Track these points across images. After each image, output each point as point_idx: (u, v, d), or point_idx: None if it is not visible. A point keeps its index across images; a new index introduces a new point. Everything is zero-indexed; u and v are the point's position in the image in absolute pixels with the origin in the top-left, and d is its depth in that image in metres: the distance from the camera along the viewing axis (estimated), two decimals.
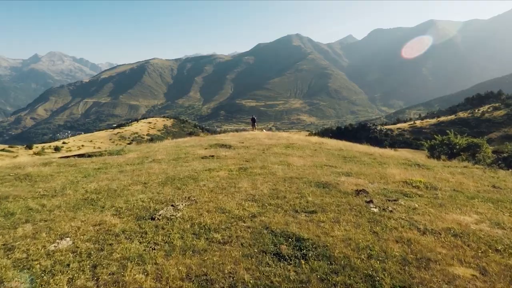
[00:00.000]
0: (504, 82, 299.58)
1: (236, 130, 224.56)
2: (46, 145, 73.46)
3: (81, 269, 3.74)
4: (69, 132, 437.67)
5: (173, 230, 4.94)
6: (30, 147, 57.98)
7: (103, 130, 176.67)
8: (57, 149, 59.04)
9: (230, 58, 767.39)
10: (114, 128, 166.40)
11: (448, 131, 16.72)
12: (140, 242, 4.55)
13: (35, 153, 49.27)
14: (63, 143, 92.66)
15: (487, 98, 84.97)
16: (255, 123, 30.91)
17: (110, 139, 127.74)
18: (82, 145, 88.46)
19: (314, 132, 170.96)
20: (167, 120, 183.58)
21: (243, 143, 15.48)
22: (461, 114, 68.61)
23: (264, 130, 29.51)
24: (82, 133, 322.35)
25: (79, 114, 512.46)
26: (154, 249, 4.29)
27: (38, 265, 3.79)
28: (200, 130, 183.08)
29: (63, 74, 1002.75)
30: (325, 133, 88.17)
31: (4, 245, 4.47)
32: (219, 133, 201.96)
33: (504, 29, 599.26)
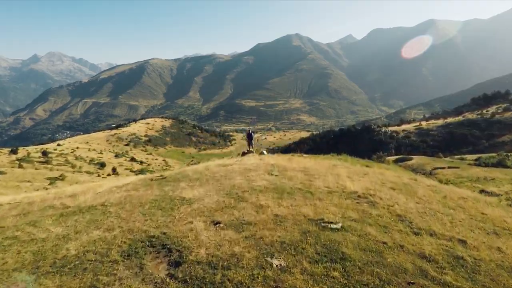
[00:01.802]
0: (504, 82, 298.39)
1: (236, 131, 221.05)
2: (36, 148, 70.25)
3: None
4: (68, 132, 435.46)
5: None
6: (15, 152, 53.87)
7: (101, 130, 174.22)
8: (45, 153, 55.75)
9: (230, 58, 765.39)
10: (111, 129, 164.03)
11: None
12: None
13: (17, 159, 46.54)
14: (58, 145, 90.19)
15: (494, 98, 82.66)
16: (252, 141, 21.12)
17: (107, 140, 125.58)
18: (77, 147, 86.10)
19: (315, 133, 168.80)
20: (165, 120, 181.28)
21: (218, 226, 6.16)
22: (469, 115, 65.64)
23: (265, 152, 19.21)
24: (81, 133, 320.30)
25: (78, 115, 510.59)
26: None
27: None
28: (199, 131, 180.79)
29: (62, 74, 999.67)
30: (327, 134, 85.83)
31: None
32: (218, 133, 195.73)
33: (504, 29, 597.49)
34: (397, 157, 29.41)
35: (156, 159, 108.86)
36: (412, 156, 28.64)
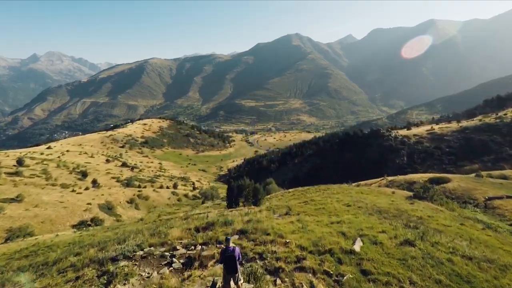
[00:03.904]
0: (507, 83, 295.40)
1: (235, 131, 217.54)
2: (21, 152, 65.20)
3: None
4: (66, 132, 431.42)
5: None
6: None
7: (97, 131, 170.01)
8: (20, 162, 50.08)
9: (230, 58, 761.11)
10: (107, 130, 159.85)
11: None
12: None
13: None
14: (48, 148, 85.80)
15: (509, 99, 78.50)
16: (238, 274, 6.03)
17: (102, 142, 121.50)
18: (67, 151, 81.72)
19: (317, 135, 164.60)
20: (163, 121, 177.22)
21: None
22: (486, 119, 60.73)
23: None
24: (80, 133, 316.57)
25: (77, 114, 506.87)
26: None
27: None
28: (198, 132, 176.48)
29: (61, 74, 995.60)
30: (332, 138, 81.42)
31: None
32: (217, 134, 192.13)
33: (504, 29, 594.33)
34: (429, 176, 24.27)
35: (152, 162, 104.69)
36: (449, 176, 23.45)
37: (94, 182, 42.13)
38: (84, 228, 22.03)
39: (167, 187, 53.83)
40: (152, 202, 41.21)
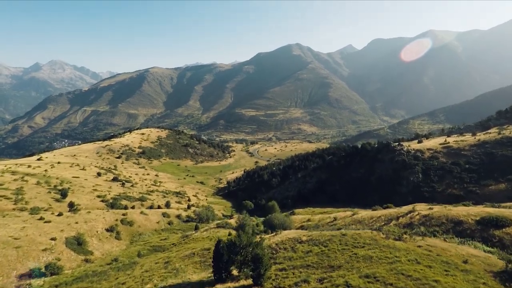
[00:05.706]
0: (509, 93, 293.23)
1: (235, 141, 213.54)
2: (6, 165, 60.73)
3: None
4: (66, 141, 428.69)
5: None
6: None
7: (95, 141, 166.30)
8: None
9: (230, 67, 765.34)
10: (105, 139, 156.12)
11: None
12: None
13: None
14: (39, 159, 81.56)
15: None
16: None
17: (97, 153, 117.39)
18: (58, 162, 77.42)
19: (321, 145, 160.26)
20: (162, 131, 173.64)
21: None
22: (506, 132, 56.08)
23: None
24: (79, 142, 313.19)
25: (77, 123, 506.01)
26: None
27: None
28: (197, 142, 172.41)
29: (63, 82, 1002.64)
30: (338, 152, 77.20)
31: None
32: (217, 144, 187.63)
33: (504, 39, 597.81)
34: (480, 213, 17.79)
35: (148, 174, 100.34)
36: (507, 215, 17.72)
37: (71, 205, 36.99)
38: (30, 284, 17.35)
39: (159, 206, 49.11)
40: (138, 228, 36.28)
